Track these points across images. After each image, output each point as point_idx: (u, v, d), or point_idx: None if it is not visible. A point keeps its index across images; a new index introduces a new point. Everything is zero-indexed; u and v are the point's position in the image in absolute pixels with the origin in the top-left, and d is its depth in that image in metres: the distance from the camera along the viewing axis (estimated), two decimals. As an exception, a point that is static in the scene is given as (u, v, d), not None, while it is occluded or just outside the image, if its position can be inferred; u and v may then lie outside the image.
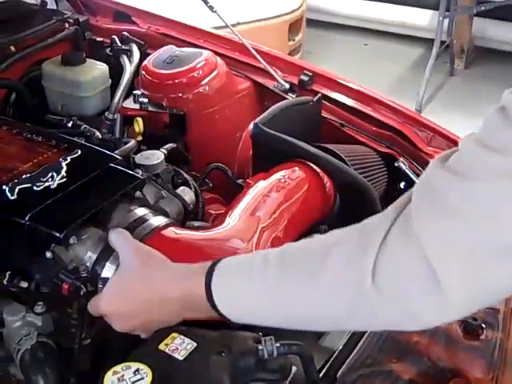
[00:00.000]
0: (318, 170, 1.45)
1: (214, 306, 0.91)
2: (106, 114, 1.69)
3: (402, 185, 1.75)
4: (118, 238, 1.03)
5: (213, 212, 1.43)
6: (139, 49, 1.92)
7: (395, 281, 0.77)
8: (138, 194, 1.23)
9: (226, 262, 0.92)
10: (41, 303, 1.08)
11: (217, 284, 0.90)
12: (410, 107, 1.95)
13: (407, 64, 4.57)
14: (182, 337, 0.97)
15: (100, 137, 1.53)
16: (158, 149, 1.50)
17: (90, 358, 1.10)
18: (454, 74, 4.69)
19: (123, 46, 1.93)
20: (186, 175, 1.45)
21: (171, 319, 0.97)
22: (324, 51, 4.84)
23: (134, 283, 0.98)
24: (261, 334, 1.01)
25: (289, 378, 0.99)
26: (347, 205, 1.48)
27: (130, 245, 1.02)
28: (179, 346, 0.95)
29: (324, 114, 1.80)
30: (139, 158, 1.43)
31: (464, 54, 4.71)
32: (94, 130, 1.54)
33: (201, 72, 1.74)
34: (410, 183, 1.69)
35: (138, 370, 0.90)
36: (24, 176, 1.19)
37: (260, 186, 1.35)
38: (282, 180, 1.37)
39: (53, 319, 1.10)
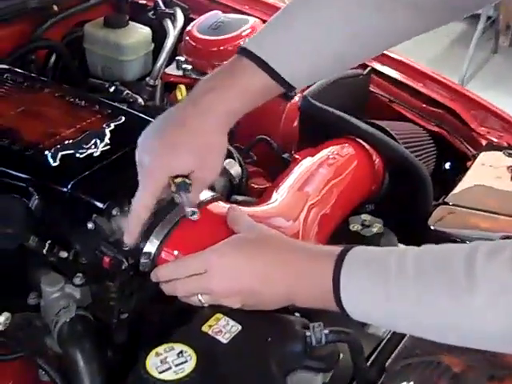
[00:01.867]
0: (368, 146, 1.39)
1: (338, 301, 0.87)
2: (148, 79, 1.65)
3: (448, 165, 1.69)
4: (236, 213, 1.01)
5: (256, 186, 1.38)
6: (183, 13, 1.86)
7: None
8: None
9: (355, 258, 0.88)
10: (80, 275, 1.04)
11: (346, 280, 0.86)
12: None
13: (451, 39, 4.45)
14: (227, 318, 0.92)
15: (143, 103, 1.48)
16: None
17: (127, 332, 1.07)
18: (498, 52, 4.56)
19: (167, 10, 1.87)
20: (229, 147, 1.39)
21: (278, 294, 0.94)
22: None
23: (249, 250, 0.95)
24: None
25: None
26: (397, 183, 1.42)
27: (248, 220, 1.00)
28: (223, 329, 0.91)
29: (372, 88, 1.74)
30: (182, 127, 1.38)
31: (510, 31, 4.57)
32: (137, 97, 1.50)
33: (246, 40, 1.68)
34: (456, 164, 1.63)
35: (181, 352, 0.85)
36: (66, 142, 1.15)
37: (308, 162, 1.30)
38: (331, 156, 1.32)
39: (91, 292, 1.06)
